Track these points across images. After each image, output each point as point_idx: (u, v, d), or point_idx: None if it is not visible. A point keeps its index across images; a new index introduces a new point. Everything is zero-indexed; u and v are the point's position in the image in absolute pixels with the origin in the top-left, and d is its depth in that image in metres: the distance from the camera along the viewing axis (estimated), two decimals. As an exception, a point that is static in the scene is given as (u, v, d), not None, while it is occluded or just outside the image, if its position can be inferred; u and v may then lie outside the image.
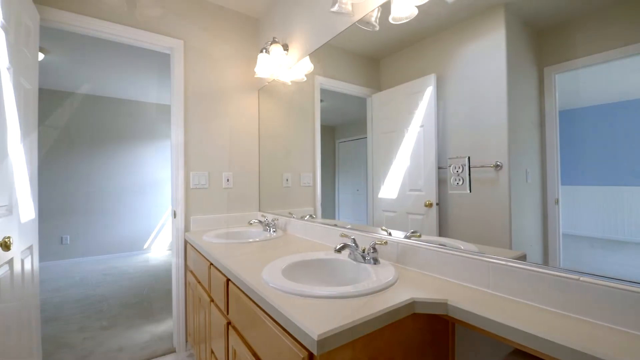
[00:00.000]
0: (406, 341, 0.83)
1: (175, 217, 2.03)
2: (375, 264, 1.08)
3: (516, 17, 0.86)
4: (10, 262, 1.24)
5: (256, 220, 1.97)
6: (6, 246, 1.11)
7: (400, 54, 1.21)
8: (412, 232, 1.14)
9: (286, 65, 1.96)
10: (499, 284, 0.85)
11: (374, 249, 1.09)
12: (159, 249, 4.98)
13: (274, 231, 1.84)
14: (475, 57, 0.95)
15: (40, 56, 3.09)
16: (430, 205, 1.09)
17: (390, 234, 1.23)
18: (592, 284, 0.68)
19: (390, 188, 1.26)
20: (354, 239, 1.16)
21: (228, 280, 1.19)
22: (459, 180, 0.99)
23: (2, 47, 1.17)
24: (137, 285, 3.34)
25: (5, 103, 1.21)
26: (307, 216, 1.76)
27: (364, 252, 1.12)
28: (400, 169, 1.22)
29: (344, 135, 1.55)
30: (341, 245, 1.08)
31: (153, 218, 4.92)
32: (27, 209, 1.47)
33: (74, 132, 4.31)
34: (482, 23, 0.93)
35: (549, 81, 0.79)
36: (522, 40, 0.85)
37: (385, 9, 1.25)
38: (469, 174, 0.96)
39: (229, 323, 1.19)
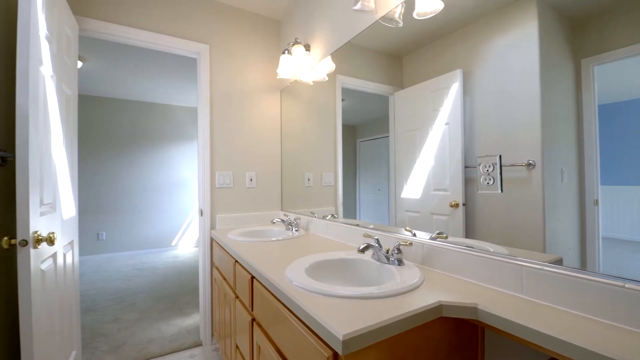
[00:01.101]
0: (433, 345, 0.81)
1: (202, 215, 2.10)
2: (399, 265, 1.06)
3: (549, 7, 0.81)
4: (54, 255, 1.34)
5: (279, 220, 2.00)
6: (51, 241, 1.20)
7: (424, 50, 1.18)
8: (438, 234, 1.11)
9: (308, 65, 1.97)
10: (533, 288, 0.81)
11: (398, 249, 1.07)
12: (187, 245, 5.19)
13: (296, 230, 1.85)
14: (505, 51, 0.91)
15: (79, 64, 3.31)
16: (456, 205, 1.05)
17: (414, 235, 1.20)
18: (639, 292, 0.63)
19: (413, 188, 1.23)
20: (377, 239, 1.14)
21: (252, 277, 1.22)
22: (490, 179, 0.95)
23: (46, 57, 1.26)
24: (166, 280, 3.50)
25: (49, 108, 1.31)
26: (329, 216, 1.76)
27: (387, 252, 1.10)
28: (424, 168, 1.19)
29: (365, 134, 1.54)
30: (364, 245, 1.07)
31: (180, 216, 5.13)
32: (69, 207, 1.57)
33: (108, 134, 4.58)
34: (513, 14, 0.88)
35: (587, 74, 0.74)
36: (557, 31, 0.79)
37: (409, 4, 1.22)
38: (500, 173, 0.92)
39: (253, 319, 1.22)
